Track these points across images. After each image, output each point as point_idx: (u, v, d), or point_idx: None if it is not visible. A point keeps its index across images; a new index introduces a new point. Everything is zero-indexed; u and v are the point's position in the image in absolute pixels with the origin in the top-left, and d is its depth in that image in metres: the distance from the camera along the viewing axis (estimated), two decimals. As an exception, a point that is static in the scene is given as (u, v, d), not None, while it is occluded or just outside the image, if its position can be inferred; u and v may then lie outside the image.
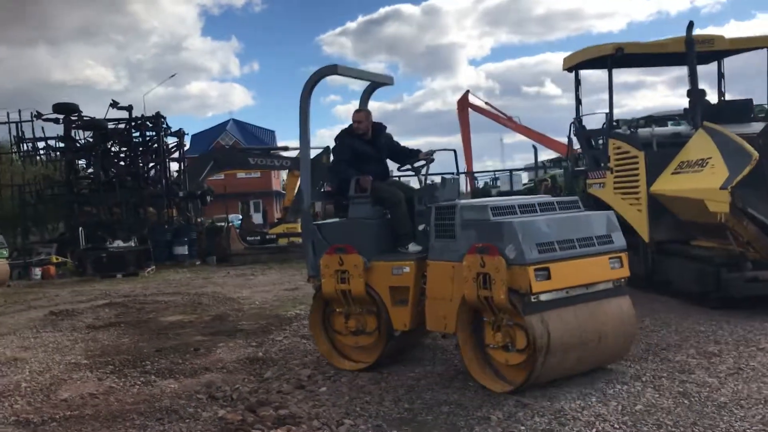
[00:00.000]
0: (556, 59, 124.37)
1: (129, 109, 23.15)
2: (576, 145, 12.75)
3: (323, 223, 6.89)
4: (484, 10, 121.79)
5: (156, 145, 24.17)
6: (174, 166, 25.74)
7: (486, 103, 45.59)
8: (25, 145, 24.07)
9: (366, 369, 6.23)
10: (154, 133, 23.99)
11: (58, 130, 23.32)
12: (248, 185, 48.97)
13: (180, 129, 25.12)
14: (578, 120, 11.88)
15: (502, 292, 5.07)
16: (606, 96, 10.93)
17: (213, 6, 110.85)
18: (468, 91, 45.77)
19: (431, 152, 6.76)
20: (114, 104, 22.60)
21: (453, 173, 7.41)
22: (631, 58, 10.67)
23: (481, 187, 40.70)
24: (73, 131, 23.09)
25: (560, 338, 5.12)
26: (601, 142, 11.30)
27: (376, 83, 7.35)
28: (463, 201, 5.98)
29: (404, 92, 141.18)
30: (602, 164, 10.84)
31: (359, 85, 7.36)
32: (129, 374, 6.74)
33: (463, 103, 45.27)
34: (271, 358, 7.09)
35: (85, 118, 23.02)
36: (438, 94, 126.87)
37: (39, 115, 22.89)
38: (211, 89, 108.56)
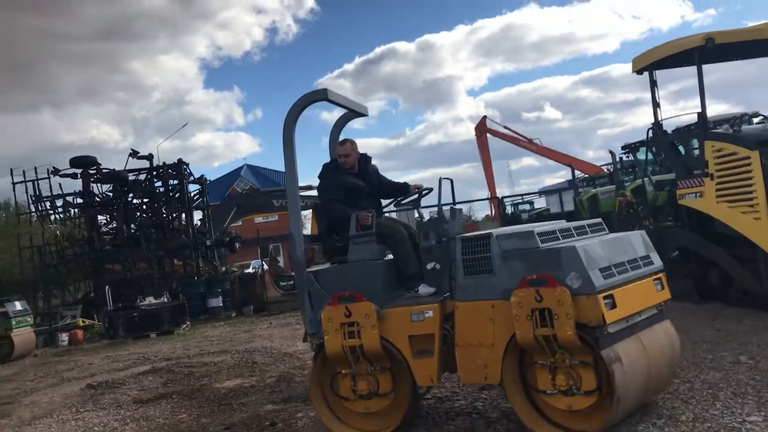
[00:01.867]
0: (553, 83, 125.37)
1: (149, 158, 22.24)
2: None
3: (320, 270, 5.95)
4: (477, 42, 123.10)
5: (179, 194, 23.13)
6: (197, 215, 24.67)
7: (504, 126, 44.55)
8: (42, 204, 23.02)
9: None
10: (176, 182, 22.95)
11: (76, 186, 22.37)
12: (267, 229, 47.85)
13: (202, 176, 24.14)
14: (658, 125, 10.63)
15: (568, 328, 4.49)
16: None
17: (213, 59, 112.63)
18: (485, 117, 44.86)
19: (423, 188, 6.17)
20: (134, 154, 21.66)
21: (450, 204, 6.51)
22: (722, 50, 9.43)
23: (510, 212, 39.67)
24: (92, 185, 22.09)
25: (631, 373, 4.63)
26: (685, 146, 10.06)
27: (352, 114, 6.75)
28: (498, 230, 5.40)
29: (406, 127, 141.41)
30: (697, 171, 9.55)
31: (361, 123, 6.77)
32: (203, 467, 5.42)
33: (481, 129, 44.38)
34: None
35: (104, 171, 22.04)
36: (439, 126, 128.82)
37: (56, 171, 21.95)
38: (217, 139, 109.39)
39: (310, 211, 26.77)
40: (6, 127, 73.85)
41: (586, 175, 32.08)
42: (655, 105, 10.56)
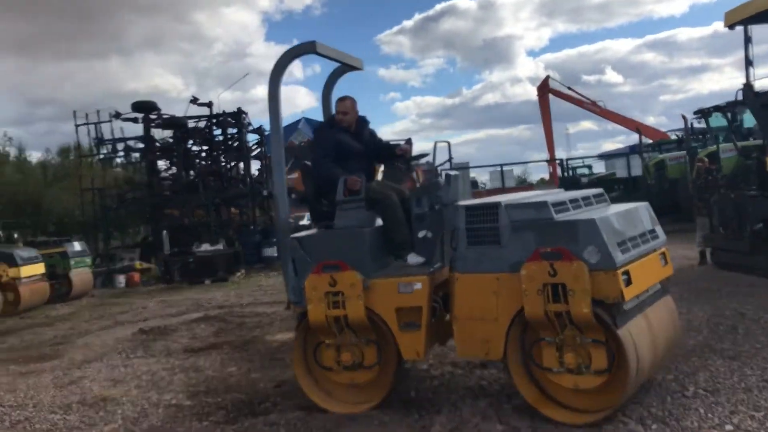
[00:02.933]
0: (615, 46, 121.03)
1: (209, 105, 22.08)
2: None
3: (305, 235, 5.60)
4: (540, 2, 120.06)
5: (237, 143, 22.98)
6: (254, 165, 24.53)
7: (568, 87, 42.95)
8: (104, 147, 23.19)
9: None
10: (235, 131, 22.78)
11: (137, 131, 22.40)
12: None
13: (260, 126, 23.89)
14: (749, 86, 9.79)
15: (584, 305, 4.25)
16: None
17: (275, 12, 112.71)
18: (548, 76, 43.23)
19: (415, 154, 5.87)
20: (194, 100, 21.52)
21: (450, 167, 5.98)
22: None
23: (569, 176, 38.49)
24: (152, 131, 22.09)
25: (642, 352, 4.42)
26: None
27: (346, 67, 6.36)
28: (507, 198, 5.06)
29: (463, 86, 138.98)
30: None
31: (417, 82, 5.83)
32: (249, 428, 5.12)
33: (544, 89, 42.87)
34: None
35: (164, 117, 21.98)
36: (497, 86, 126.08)
37: (118, 115, 21.98)
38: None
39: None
40: (74, 73, 75.40)
41: (651, 141, 30.80)
42: (748, 63, 9.76)
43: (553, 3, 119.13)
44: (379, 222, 5.52)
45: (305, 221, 18.21)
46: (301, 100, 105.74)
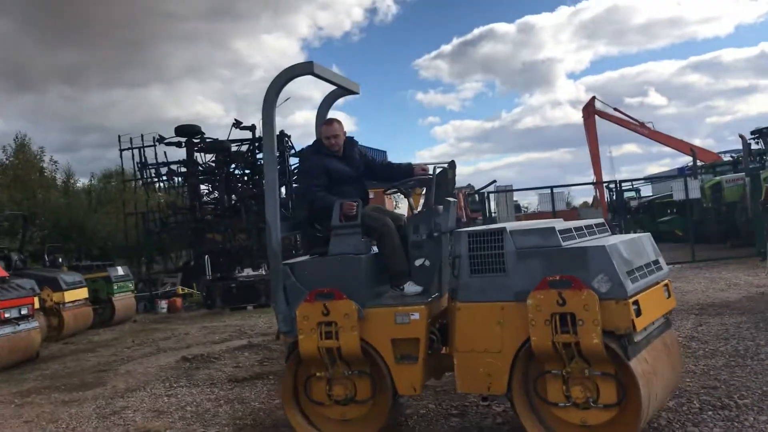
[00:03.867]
0: (659, 68, 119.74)
1: (252, 129, 22.00)
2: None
3: (298, 262, 5.41)
4: (580, 24, 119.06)
5: (279, 166, 22.88)
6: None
7: (614, 108, 42.23)
8: (147, 171, 23.30)
9: None
10: (277, 154, 22.70)
11: (180, 155, 22.48)
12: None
13: (302, 149, 23.74)
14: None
15: (595, 335, 4.09)
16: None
17: (313, 39, 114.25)
18: (594, 97, 42.56)
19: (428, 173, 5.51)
20: (237, 124, 21.49)
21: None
22: None
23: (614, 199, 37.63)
24: (195, 154, 22.13)
25: (653, 386, 4.26)
26: None
27: (342, 90, 6.21)
28: (511, 224, 4.95)
29: (502, 109, 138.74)
30: None
31: (456, 105, 5.56)
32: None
33: (589, 110, 42.20)
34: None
35: (207, 140, 22.02)
36: (536, 110, 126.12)
37: (161, 139, 22.09)
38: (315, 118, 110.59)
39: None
40: (118, 101, 76.93)
41: (703, 163, 29.96)
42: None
43: (594, 25, 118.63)
44: (375, 249, 5.35)
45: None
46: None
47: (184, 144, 21.96)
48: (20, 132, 35.87)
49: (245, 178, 23.10)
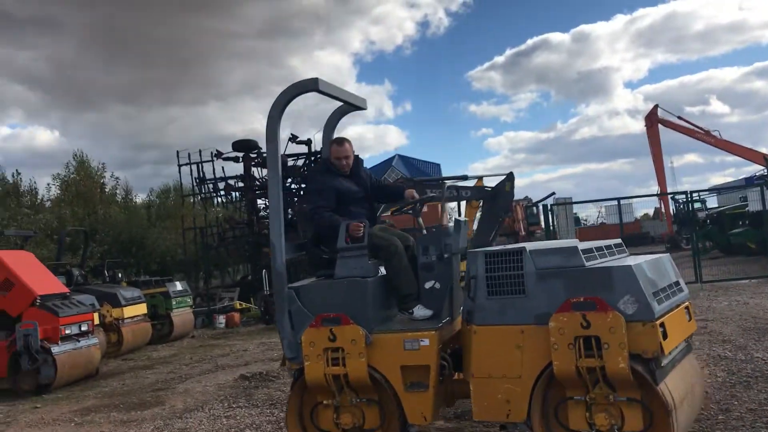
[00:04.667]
0: (720, 75, 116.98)
1: (308, 143, 21.90)
2: None
3: (303, 285, 5.19)
4: (637, 32, 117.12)
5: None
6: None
7: (679, 117, 41.03)
8: (205, 186, 23.44)
9: None
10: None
11: (238, 170, 22.52)
12: (411, 220, 47.23)
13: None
14: None
15: (621, 359, 3.93)
16: None
17: (366, 53, 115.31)
18: (657, 106, 41.56)
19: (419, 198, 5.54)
20: (293, 138, 21.41)
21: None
22: None
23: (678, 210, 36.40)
24: (252, 169, 22.15)
25: (682, 411, 4.11)
26: None
27: (349, 106, 5.99)
28: (531, 245, 4.73)
29: (558, 120, 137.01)
30: None
31: (510, 117, 5.29)
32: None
33: (652, 119, 41.22)
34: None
35: (264, 155, 22.00)
36: (593, 120, 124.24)
37: (219, 154, 22.18)
38: (368, 132, 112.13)
39: (464, 202, 26.02)
40: (176, 118, 78.73)
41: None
42: None
43: (652, 33, 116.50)
44: (383, 271, 5.18)
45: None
46: (391, 138, 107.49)
47: (241, 159, 22.01)
48: (78, 149, 36.73)
49: (301, 192, 23.00)
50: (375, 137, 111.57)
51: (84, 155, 28.56)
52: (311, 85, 5.12)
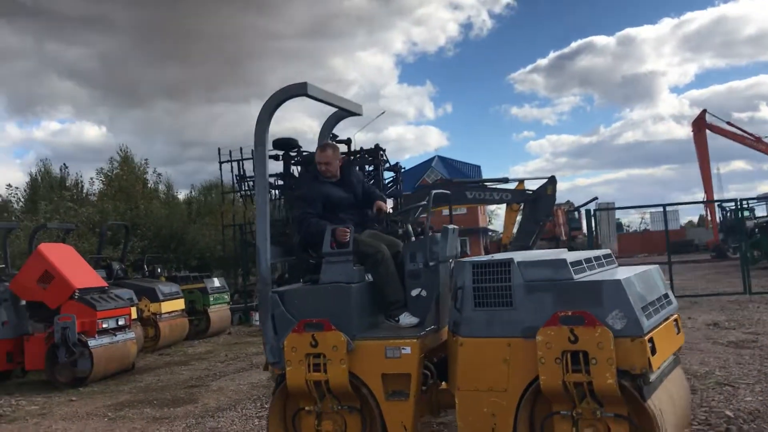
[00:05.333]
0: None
1: (348, 142, 21.82)
2: None
3: (287, 290, 5.14)
4: (684, 36, 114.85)
5: (373, 180, 22.61)
6: (389, 203, 24.10)
7: (728, 123, 40.03)
8: (245, 183, 23.53)
9: None
10: (371, 168, 22.45)
11: (278, 168, 22.55)
12: (446, 220, 46.83)
13: (397, 163, 23.43)
14: None
15: (609, 375, 3.87)
16: None
17: (408, 54, 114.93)
18: (705, 110, 40.60)
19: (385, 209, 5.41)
20: (332, 137, 21.38)
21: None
22: None
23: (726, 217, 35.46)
24: (292, 168, 22.16)
25: (670, 426, 4.02)
26: None
27: (343, 112, 5.89)
28: (520, 254, 4.69)
29: (601, 124, 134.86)
30: None
31: (552, 120, 5.09)
32: None
33: (700, 124, 40.27)
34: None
35: (304, 153, 22.00)
36: (638, 124, 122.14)
37: (259, 152, 22.22)
38: (408, 132, 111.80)
39: (504, 205, 25.65)
40: (220, 116, 79.63)
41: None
42: None
43: (699, 37, 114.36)
44: (369, 278, 5.09)
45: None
46: (432, 139, 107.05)
47: (281, 157, 22.02)
48: (123, 144, 37.31)
49: (340, 191, 22.99)
50: (415, 138, 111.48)
51: (128, 150, 28.98)
52: (300, 90, 5.05)
